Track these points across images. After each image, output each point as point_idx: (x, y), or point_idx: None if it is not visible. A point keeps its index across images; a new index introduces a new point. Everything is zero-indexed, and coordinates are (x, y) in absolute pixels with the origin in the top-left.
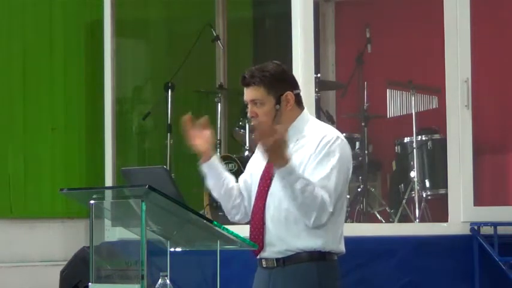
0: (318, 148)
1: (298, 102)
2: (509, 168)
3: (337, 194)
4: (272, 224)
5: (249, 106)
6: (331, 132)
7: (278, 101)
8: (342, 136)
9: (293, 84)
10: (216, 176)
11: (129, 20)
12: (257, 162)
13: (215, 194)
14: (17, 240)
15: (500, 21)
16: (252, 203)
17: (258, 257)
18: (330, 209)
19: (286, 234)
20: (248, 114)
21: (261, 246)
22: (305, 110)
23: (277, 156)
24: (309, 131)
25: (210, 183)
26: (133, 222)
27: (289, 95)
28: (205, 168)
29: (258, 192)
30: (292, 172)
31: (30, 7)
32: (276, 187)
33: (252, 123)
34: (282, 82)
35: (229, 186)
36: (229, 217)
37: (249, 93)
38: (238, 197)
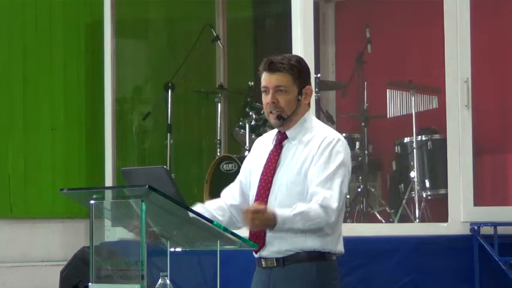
0: (319, 149)
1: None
2: (509, 168)
3: (342, 193)
4: None
5: (270, 92)
6: (331, 134)
7: (300, 93)
8: (342, 137)
9: (310, 80)
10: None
11: (129, 20)
12: (256, 160)
13: None
14: (17, 240)
15: (500, 21)
16: (252, 201)
17: (258, 256)
18: (334, 206)
19: (286, 234)
20: (268, 100)
21: (261, 246)
22: (310, 109)
23: (265, 225)
24: (311, 130)
25: None
26: (134, 222)
27: (309, 89)
28: None
29: (258, 191)
30: (284, 222)
31: (30, 7)
32: (277, 187)
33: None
34: (305, 74)
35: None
36: None
37: (274, 79)
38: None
